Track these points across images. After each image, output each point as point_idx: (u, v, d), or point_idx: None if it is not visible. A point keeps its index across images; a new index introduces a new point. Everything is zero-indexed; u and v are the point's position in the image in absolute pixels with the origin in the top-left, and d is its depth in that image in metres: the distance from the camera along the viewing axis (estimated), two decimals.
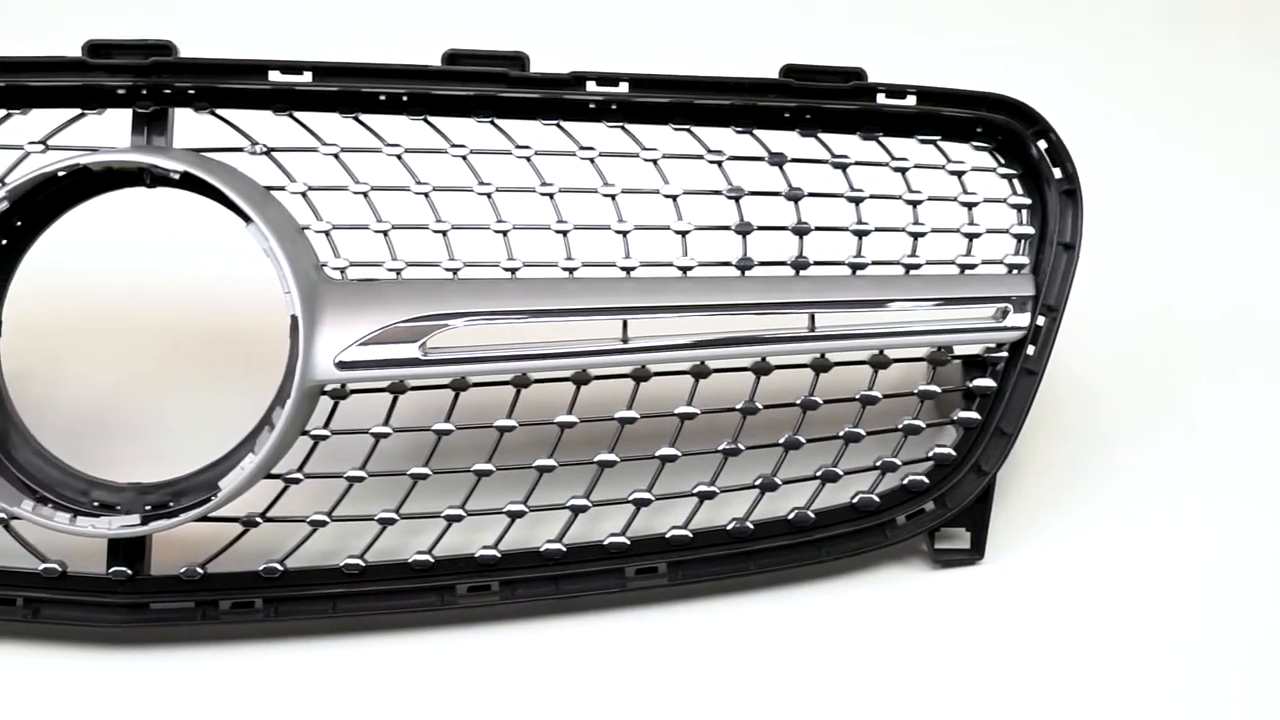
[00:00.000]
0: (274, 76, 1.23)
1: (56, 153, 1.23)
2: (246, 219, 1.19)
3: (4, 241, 1.24)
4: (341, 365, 1.20)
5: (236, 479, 1.18)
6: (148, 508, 1.22)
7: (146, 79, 1.23)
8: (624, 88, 1.25)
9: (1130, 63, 1.62)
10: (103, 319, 1.41)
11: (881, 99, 1.28)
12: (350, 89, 1.24)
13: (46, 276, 1.29)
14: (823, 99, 1.27)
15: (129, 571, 1.22)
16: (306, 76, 1.23)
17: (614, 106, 1.27)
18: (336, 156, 1.26)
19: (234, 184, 1.19)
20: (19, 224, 1.24)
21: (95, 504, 1.22)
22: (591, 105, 1.27)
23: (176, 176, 1.19)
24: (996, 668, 1.24)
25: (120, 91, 1.24)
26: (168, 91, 1.24)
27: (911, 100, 1.28)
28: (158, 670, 1.22)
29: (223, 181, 1.18)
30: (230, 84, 1.23)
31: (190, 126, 1.26)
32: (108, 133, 1.25)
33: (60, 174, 1.19)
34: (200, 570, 1.23)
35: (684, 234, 1.28)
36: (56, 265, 1.30)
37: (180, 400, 1.38)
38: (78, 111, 1.25)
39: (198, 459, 1.26)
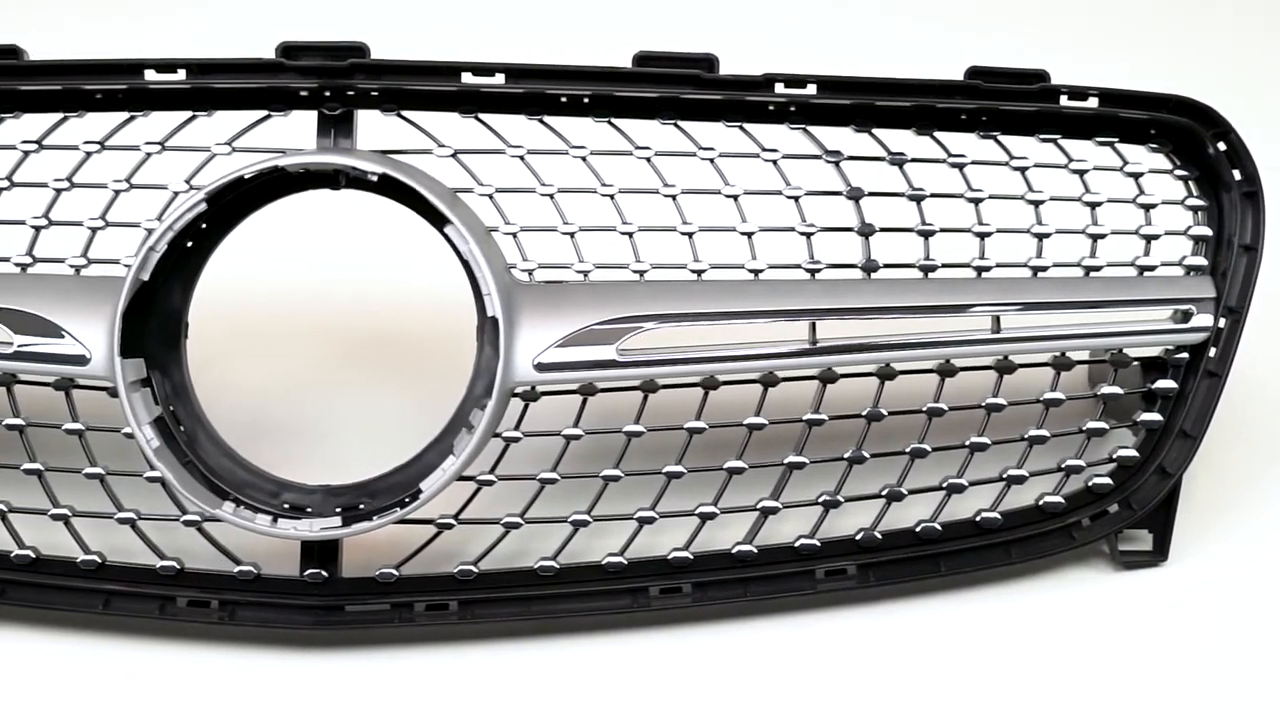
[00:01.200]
0: (466, 78, 1.23)
1: (242, 155, 1.24)
2: (443, 221, 1.19)
3: (190, 244, 1.24)
4: (540, 367, 1.20)
5: (438, 481, 1.18)
6: (338, 510, 1.22)
7: (332, 81, 1.23)
8: (811, 89, 1.25)
9: None
10: (265, 321, 1.41)
11: (1064, 101, 1.27)
12: (536, 90, 1.24)
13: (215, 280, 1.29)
14: (1005, 101, 1.27)
15: (325, 574, 1.22)
16: (499, 78, 1.23)
17: (792, 108, 1.27)
18: (522, 159, 1.26)
19: (430, 186, 1.19)
20: (204, 226, 1.24)
21: (285, 506, 1.22)
22: (770, 107, 1.27)
23: (374, 179, 1.19)
24: (1181, 669, 1.23)
25: (303, 93, 1.25)
26: (351, 94, 1.25)
27: (1093, 102, 1.28)
28: (353, 672, 1.21)
29: (421, 184, 1.19)
30: (419, 85, 1.23)
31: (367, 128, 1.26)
32: (281, 135, 1.25)
33: (252, 175, 1.19)
34: (395, 573, 1.22)
35: (866, 235, 1.28)
36: (229, 268, 1.30)
37: (343, 403, 1.39)
38: (264, 113, 1.25)
39: (363, 460, 1.27)
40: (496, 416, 1.19)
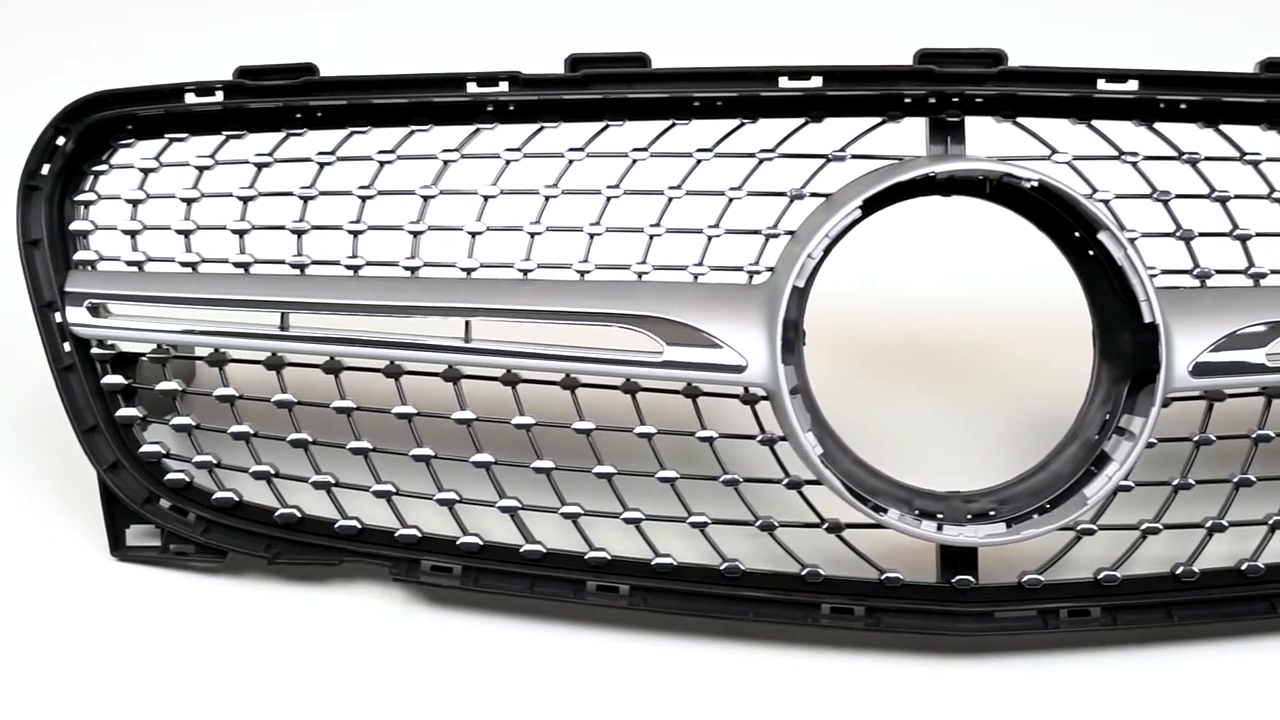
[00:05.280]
0: (1101, 85, 1.23)
1: (856, 162, 1.25)
2: (1087, 229, 1.20)
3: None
4: (1196, 372, 1.19)
5: (1102, 488, 1.18)
6: (969, 516, 1.22)
7: (940, 87, 1.24)
8: None
9: None
10: (836, 324, 1.41)
11: None
12: (1146, 97, 1.25)
13: None
14: None
15: (973, 580, 1.22)
16: (1131, 85, 1.23)
17: None
18: (1135, 165, 1.26)
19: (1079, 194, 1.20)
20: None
21: (916, 512, 1.22)
22: None
23: (1030, 186, 1.19)
24: None
25: (906, 100, 1.25)
26: (956, 100, 1.25)
27: None
28: (1003, 678, 1.21)
29: (1074, 191, 1.19)
30: (1040, 92, 1.24)
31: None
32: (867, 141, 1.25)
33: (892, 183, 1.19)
34: (1040, 579, 1.22)
35: None
36: None
37: (913, 407, 1.39)
38: (877, 120, 1.26)
39: (940, 467, 1.29)
40: (1154, 423, 1.19)
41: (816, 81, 1.24)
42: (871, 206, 1.23)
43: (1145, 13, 1.75)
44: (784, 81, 1.24)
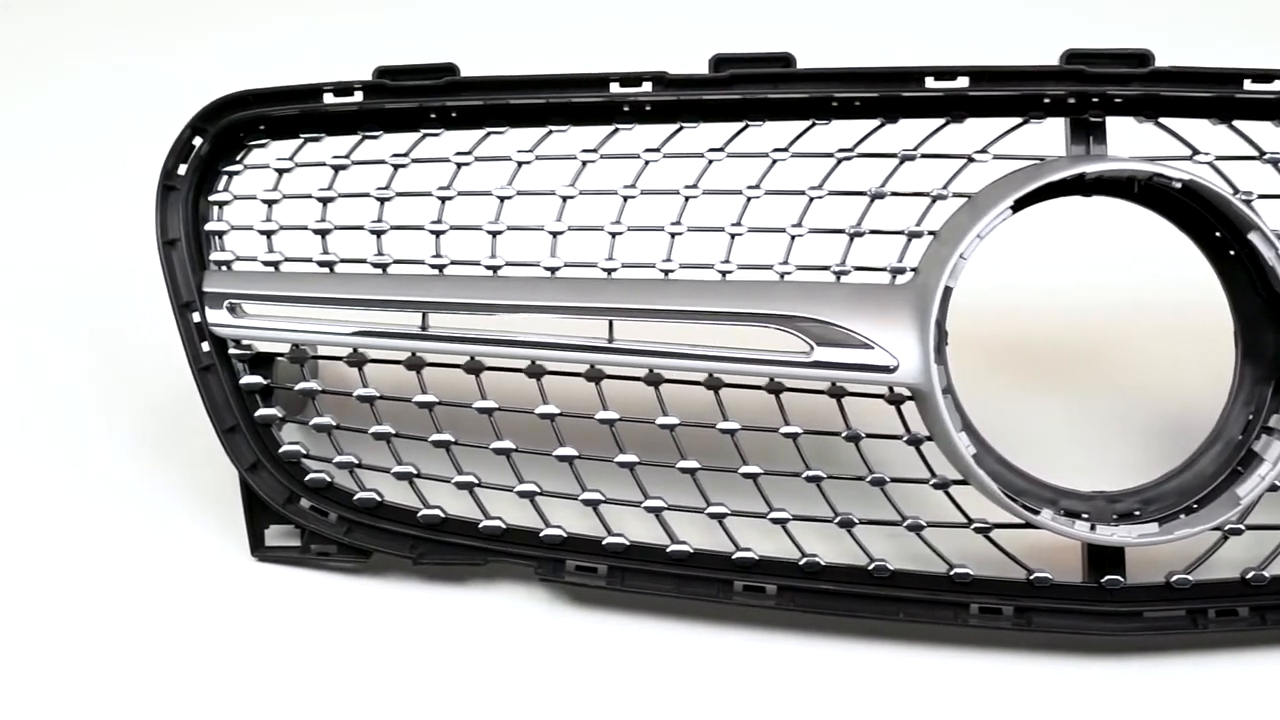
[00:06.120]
0: (1248, 85, 1.23)
1: (998, 162, 1.25)
2: (1239, 229, 1.19)
3: None
4: None
5: (1255, 489, 1.18)
6: (1114, 516, 1.23)
7: (1080, 87, 1.24)
8: None
9: None
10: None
11: None
12: None
13: None
14: None
15: (1122, 580, 1.22)
16: (1278, 85, 1.23)
17: None
18: (1276, 165, 1.26)
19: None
20: None
21: (1062, 512, 1.22)
22: None
23: (1178, 186, 1.19)
24: None
25: (1046, 100, 1.25)
26: (1096, 100, 1.25)
27: None
28: (1151, 678, 1.21)
29: (1223, 192, 1.19)
30: (1184, 93, 1.24)
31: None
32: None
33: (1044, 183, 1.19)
34: (1189, 579, 1.22)
35: None
36: None
37: (1049, 408, 1.39)
38: (1018, 120, 1.26)
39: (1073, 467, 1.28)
40: None
41: (962, 82, 1.23)
42: (1017, 206, 1.23)
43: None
44: (930, 82, 1.23)
